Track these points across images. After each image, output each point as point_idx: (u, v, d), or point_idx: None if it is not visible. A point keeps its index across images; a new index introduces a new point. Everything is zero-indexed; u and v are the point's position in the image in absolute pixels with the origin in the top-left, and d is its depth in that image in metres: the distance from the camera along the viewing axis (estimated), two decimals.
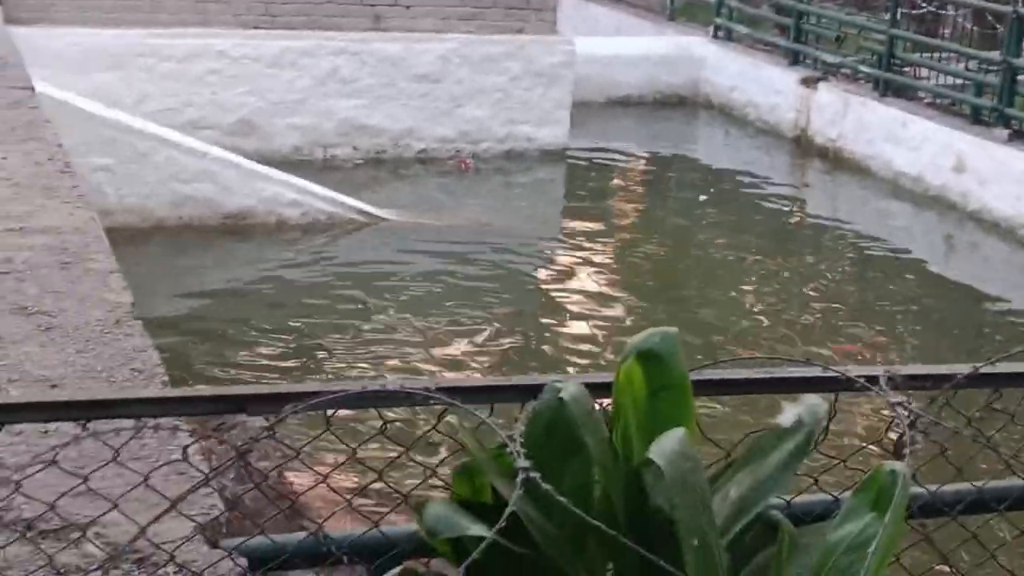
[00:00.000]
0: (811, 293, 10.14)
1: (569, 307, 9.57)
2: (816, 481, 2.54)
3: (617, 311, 9.57)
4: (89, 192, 6.33)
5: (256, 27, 12.27)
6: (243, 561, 2.34)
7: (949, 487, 2.62)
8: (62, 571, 2.60)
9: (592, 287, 10.04)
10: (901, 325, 9.66)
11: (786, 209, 12.44)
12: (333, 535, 2.33)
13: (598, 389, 2.35)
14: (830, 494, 2.47)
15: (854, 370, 2.39)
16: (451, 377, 7.59)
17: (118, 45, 11.78)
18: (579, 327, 9.15)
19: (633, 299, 9.90)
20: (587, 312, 9.48)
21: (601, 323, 9.21)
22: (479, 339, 8.75)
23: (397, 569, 2.23)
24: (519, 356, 8.50)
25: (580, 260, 10.69)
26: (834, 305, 9.96)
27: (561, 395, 2.21)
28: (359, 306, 9.14)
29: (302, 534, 2.32)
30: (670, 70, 15.77)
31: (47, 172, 5.90)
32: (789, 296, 10.07)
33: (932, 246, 11.58)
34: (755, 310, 9.68)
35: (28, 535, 2.68)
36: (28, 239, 4.95)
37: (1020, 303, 10.12)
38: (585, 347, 8.76)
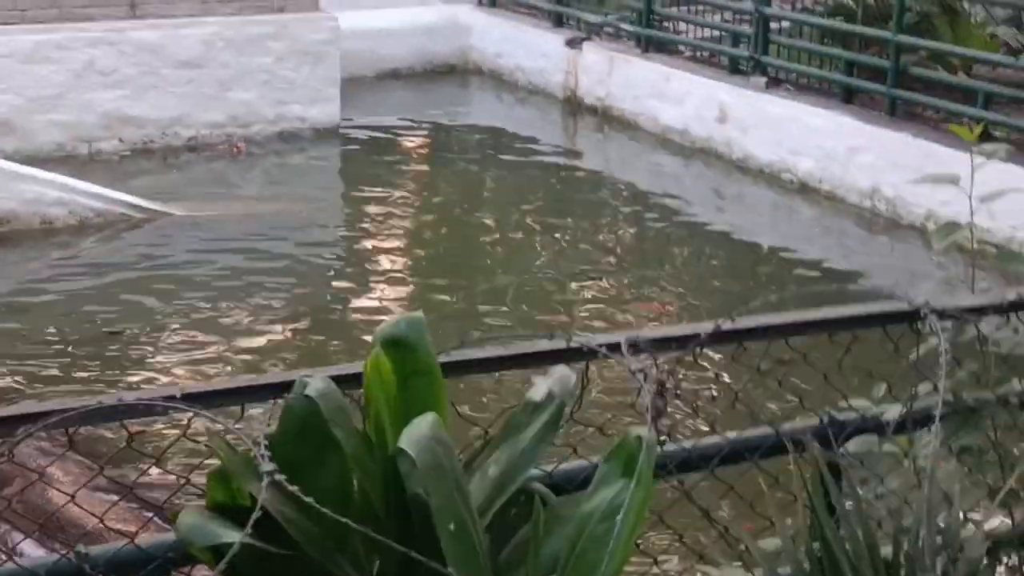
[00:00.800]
0: (595, 253, 10.28)
1: (361, 288, 9.50)
2: (575, 451, 2.59)
3: (409, 289, 9.57)
4: None
5: (5, 23, 11.80)
6: None
7: (704, 441, 2.71)
8: None
9: (382, 266, 9.99)
10: (683, 278, 9.89)
11: (563, 170, 12.60)
12: (91, 552, 2.27)
13: (349, 381, 2.35)
14: (589, 460, 2.52)
15: (597, 339, 2.44)
16: (199, 382, 7.34)
17: None
18: (374, 308, 9.08)
19: (423, 275, 9.91)
20: (379, 292, 9.43)
21: (395, 302, 9.17)
22: (272, 332, 8.58)
23: None
24: (317, 346, 8.38)
25: (366, 238, 10.62)
26: (618, 263, 10.15)
27: (307, 392, 2.21)
28: (113, 329, 8.61)
29: (57, 556, 2.26)
30: (438, 40, 15.76)
31: None
32: (576, 257, 10.15)
33: (703, 197, 11.88)
34: (546, 274, 9.72)
35: None
36: None
37: (787, 246, 10.46)
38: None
